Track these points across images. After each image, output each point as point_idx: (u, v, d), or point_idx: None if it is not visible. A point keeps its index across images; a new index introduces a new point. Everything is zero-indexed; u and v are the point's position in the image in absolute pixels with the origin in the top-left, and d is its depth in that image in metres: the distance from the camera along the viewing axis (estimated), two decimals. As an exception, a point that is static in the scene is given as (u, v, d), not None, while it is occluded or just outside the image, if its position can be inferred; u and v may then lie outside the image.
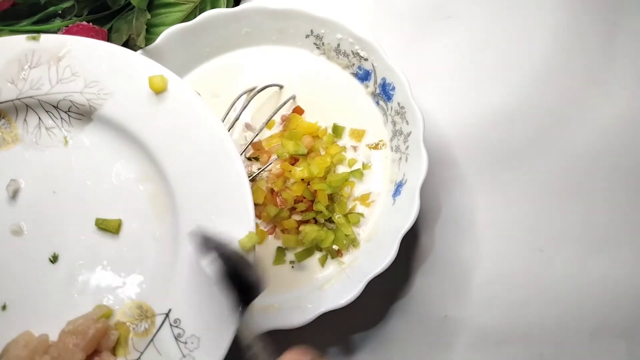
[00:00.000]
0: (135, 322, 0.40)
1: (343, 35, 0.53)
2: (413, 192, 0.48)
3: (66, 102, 0.43)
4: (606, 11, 0.61)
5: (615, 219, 0.56)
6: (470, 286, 0.55)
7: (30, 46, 0.43)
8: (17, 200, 0.42)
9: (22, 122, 0.43)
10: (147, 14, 0.56)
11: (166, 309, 0.39)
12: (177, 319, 0.39)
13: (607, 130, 0.58)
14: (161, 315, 0.39)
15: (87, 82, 0.42)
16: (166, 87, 0.42)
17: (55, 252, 0.41)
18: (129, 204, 0.42)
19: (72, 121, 0.43)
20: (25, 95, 0.42)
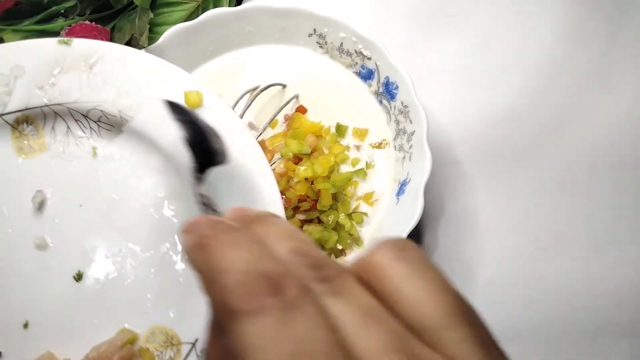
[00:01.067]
0: (160, 350, 0.38)
1: (346, 34, 0.53)
2: (417, 191, 0.47)
3: (96, 111, 0.41)
4: (610, 9, 0.61)
5: (619, 218, 0.56)
6: (473, 285, 0.55)
7: (61, 50, 0.40)
8: (42, 212, 0.41)
9: (50, 129, 0.41)
10: (150, 13, 0.56)
11: (193, 338, 0.38)
12: (204, 350, 0.37)
13: (611, 129, 0.58)
14: (187, 344, 0.38)
15: (119, 91, 0.40)
16: (202, 102, 0.40)
17: (80, 270, 0.40)
18: (156, 225, 0.40)
19: (102, 132, 0.42)
20: (55, 102, 0.40)
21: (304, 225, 0.52)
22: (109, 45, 0.41)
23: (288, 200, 0.51)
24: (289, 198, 0.51)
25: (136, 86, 0.40)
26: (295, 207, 0.52)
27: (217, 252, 0.21)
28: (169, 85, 0.40)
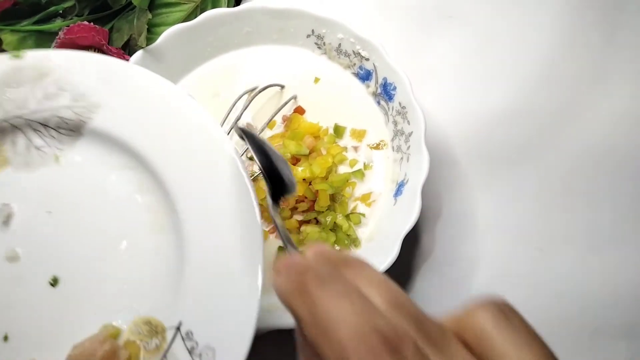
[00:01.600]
0: (146, 340, 0.38)
1: (344, 35, 0.53)
2: (414, 192, 0.48)
3: (54, 118, 0.41)
4: (609, 9, 0.61)
5: (617, 219, 0.56)
6: (471, 286, 0.55)
7: (13, 64, 0.41)
8: (10, 225, 0.41)
9: (10, 144, 0.42)
10: (148, 14, 0.56)
11: (177, 322, 0.38)
12: (189, 332, 0.37)
13: (610, 130, 0.58)
14: (172, 329, 0.38)
15: (74, 95, 0.41)
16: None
17: (55, 275, 0.40)
18: (128, 218, 0.41)
19: (62, 138, 0.42)
20: (12, 115, 0.41)
21: (301, 226, 0.52)
22: (61, 52, 0.42)
23: (286, 201, 0.51)
24: (287, 199, 0.51)
25: (91, 88, 0.41)
26: (293, 208, 0.52)
27: (322, 301, 0.21)
28: (123, 81, 0.41)
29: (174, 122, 0.41)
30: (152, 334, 0.38)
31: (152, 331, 0.39)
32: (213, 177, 0.40)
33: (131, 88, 0.41)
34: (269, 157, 0.37)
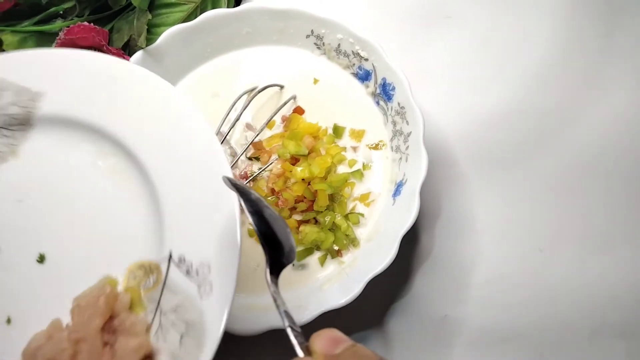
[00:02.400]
0: (143, 280, 0.39)
1: (343, 36, 0.53)
2: (413, 192, 0.48)
3: (2, 117, 0.43)
4: (606, 11, 0.61)
5: (615, 219, 0.56)
6: (470, 286, 0.55)
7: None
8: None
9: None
10: (148, 14, 0.56)
11: (167, 253, 0.39)
12: (180, 257, 0.38)
13: (607, 130, 0.58)
14: (164, 262, 0.39)
15: (16, 91, 0.43)
16: None
17: (40, 252, 0.41)
18: (95, 184, 0.43)
19: (14, 134, 0.44)
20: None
21: (300, 226, 0.52)
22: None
23: (285, 200, 0.52)
24: (286, 198, 0.51)
25: (31, 80, 0.43)
26: (292, 208, 0.52)
27: None
28: (59, 66, 0.43)
29: (117, 88, 0.42)
30: (147, 273, 0.40)
31: (146, 272, 0.40)
32: (165, 121, 0.41)
33: (67, 70, 0.43)
34: (265, 220, 0.34)
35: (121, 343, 0.36)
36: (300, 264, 0.52)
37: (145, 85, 0.42)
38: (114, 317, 0.37)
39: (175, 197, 0.40)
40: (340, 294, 0.47)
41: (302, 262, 0.52)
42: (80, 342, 0.36)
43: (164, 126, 0.42)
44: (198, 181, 0.40)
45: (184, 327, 0.37)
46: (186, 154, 0.41)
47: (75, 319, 0.37)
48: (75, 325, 0.37)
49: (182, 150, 0.41)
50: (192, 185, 0.40)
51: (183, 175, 0.40)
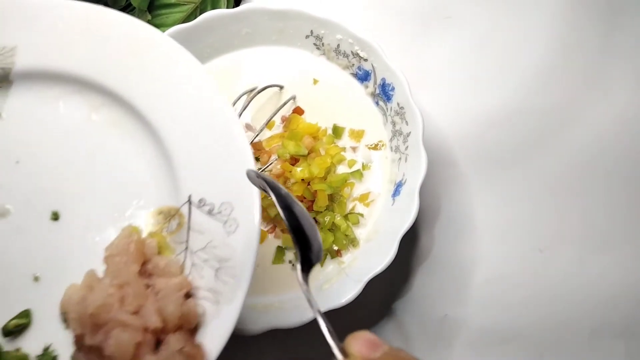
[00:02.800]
0: (165, 226, 0.39)
1: (343, 36, 0.53)
2: (412, 192, 0.48)
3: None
4: (605, 11, 0.61)
5: (615, 219, 0.56)
6: (469, 286, 0.55)
7: None
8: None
9: None
10: (148, 15, 0.56)
11: (185, 197, 0.39)
12: (201, 199, 0.38)
13: (606, 130, 0.58)
14: (185, 205, 0.39)
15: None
16: None
17: (54, 210, 0.40)
18: (94, 138, 0.41)
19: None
20: None
21: (300, 226, 0.52)
22: None
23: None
24: (286, 199, 0.51)
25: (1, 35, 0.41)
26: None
27: None
28: (29, 14, 0.41)
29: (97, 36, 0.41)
30: (168, 218, 0.39)
31: (166, 217, 0.40)
32: (157, 66, 0.40)
33: (37, 18, 0.41)
34: (296, 217, 0.33)
35: (161, 283, 0.36)
36: (299, 264, 0.52)
37: (129, 32, 0.41)
38: (147, 262, 0.37)
39: (183, 144, 0.39)
40: (339, 294, 0.47)
41: (301, 262, 0.52)
42: (124, 286, 0.35)
43: (156, 72, 0.40)
44: (204, 125, 0.39)
45: (217, 262, 0.37)
46: (186, 99, 0.40)
47: (111, 267, 0.36)
48: (113, 272, 0.36)
49: (181, 95, 0.40)
50: (199, 130, 0.39)
51: (187, 120, 0.39)
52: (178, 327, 0.35)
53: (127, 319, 0.34)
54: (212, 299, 0.36)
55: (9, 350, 0.37)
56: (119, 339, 0.33)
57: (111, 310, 0.34)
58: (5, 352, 0.37)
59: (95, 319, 0.34)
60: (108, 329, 0.33)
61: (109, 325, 0.34)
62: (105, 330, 0.33)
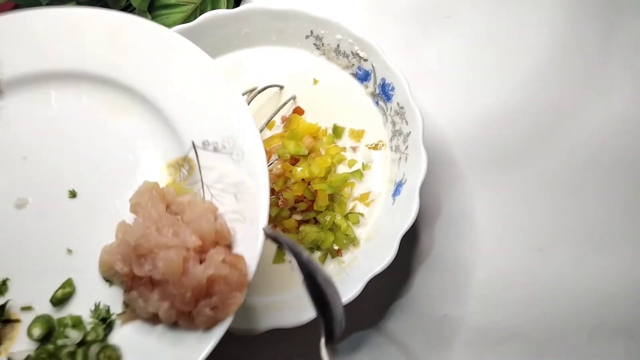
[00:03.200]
0: (177, 175, 0.42)
1: (343, 36, 0.53)
2: (413, 192, 0.48)
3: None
4: (604, 11, 0.61)
5: (614, 218, 0.56)
6: (469, 285, 0.55)
7: None
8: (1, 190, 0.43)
9: None
10: (148, 15, 0.56)
11: (189, 144, 0.42)
12: (204, 142, 0.41)
13: (605, 130, 0.58)
14: (191, 151, 0.42)
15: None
16: None
17: (69, 189, 0.42)
18: (90, 117, 0.44)
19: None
20: None
21: (300, 226, 0.52)
22: None
23: (285, 200, 0.52)
24: (286, 198, 0.52)
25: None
26: (292, 208, 0.52)
27: None
28: (11, 29, 0.44)
29: (76, 29, 0.44)
30: (178, 168, 0.42)
31: (176, 167, 0.42)
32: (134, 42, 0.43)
33: (19, 34, 0.44)
34: (318, 284, 0.32)
35: (190, 214, 0.38)
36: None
37: (99, 20, 0.44)
38: (170, 205, 0.39)
39: (173, 99, 0.42)
40: (340, 293, 0.47)
41: (302, 262, 0.52)
42: (158, 220, 0.37)
43: (132, 47, 0.43)
44: (187, 77, 0.42)
45: (234, 188, 0.40)
46: (163, 58, 0.43)
47: (141, 212, 0.38)
48: (144, 215, 0.38)
49: (158, 56, 0.43)
50: (184, 83, 0.42)
51: (171, 77, 0.42)
52: (215, 243, 0.37)
53: (169, 240, 0.36)
54: (239, 218, 0.39)
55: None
56: (167, 257, 0.35)
57: (151, 238, 0.36)
58: (59, 318, 0.39)
59: (139, 250, 0.36)
60: (153, 256, 0.35)
61: (153, 252, 0.36)
62: (151, 257, 0.36)
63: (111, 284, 0.40)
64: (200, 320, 0.36)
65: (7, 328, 0.39)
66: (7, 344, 0.38)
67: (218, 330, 0.36)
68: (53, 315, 0.39)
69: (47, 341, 0.38)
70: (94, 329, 0.38)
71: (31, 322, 0.38)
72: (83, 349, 0.38)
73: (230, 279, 0.36)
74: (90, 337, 0.38)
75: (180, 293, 0.35)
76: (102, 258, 0.39)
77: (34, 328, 0.38)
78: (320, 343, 0.32)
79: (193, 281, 0.35)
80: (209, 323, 0.36)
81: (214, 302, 0.36)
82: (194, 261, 0.36)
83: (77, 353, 0.37)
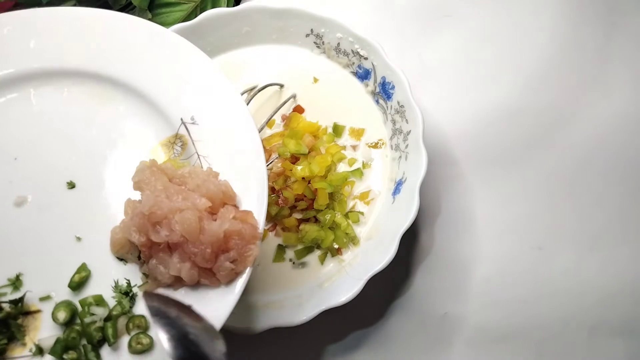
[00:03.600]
0: (170, 152, 0.43)
1: (343, 35, 0.53)
2: (413, 191, 0.48)
3: None
4: (605, 10, 0.61)
5: (614, 217, 0.56)
6: (469, 284, 0.55)
7: None
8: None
9: None
10: (148, 14, 0.56)
11: (178, 122, 0.43)
12: (192, 117, 0.43)
13: (605, 129, 0.58)
14: (181, 128, 0.43)
15: None
16: None
17: (68, 181, 0.43)
18: (75, 110, 0.45)
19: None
20: None
21: (300, 224, 0.52)
22: None
23: (285, 199, 0.52)
24: (286, 197, 0.52)
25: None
26: (292, 207, 0.52)
27: None
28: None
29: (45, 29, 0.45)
30: (170, 146, 0.44)
31: (168, 146, 0.44)
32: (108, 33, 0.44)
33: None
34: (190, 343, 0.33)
35: (193, 181, 0.39)
36: (300, 262, 0.52)
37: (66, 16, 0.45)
38: (171, 179, 0.40)
39: (155, 82, 0.43)
40: (340, 292, 0.48)
41: (302, 261, 0.52)
42: (164, 190, 0.38)
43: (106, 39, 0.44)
44: (163, 58, 0.44)
45: (227, 151, 0.42)
46: (137, 44, 0.44)
47: (146, 187, 0.39)
48: (150, 189, 0.39)
49: (132, 42, 0.44)
50: (162, 64, 0.44)
51: (149, 62, 0.44)
52: (223, 204, 0.39)
53: (181, 204, 0.37)
54: (239, 177, 0.41)
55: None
56: (183, 218, 0.36)
57: (163, 205, 0.37)
58: (81, 299, 0.40)
59: (153, 218, 0.37)
60: (168, 221, 0.37)
61: (167, 217, 0.37)
62: (166, 223, 0.37)
63: (125, 262, 0.41)
64: (221, 275, 0.37)
65: (29, 319, 0.40)
66: (32, 334, 0.39)
67: (239, 282, 0.38)
68: (73, 300, 0.40)
69: (73, 323, 0.39)
70: (119, 302, 0.39)
71: (53, 308, 0.39)
72: (112, 322, 0.39)
73: (244, 232, 0.38)
74: (116, 312, 0.39)
75: (200, 250, 0.37)
76: (113, 238, 0.40)
77: (58, 312, 0.39)
78: None
79: (211, 237, 0.37)
80: (230, 277, 0.38)
81: (232, 255, 0.37)
82: (208, 219, 0.38)
83: (107, 327, 0.38)
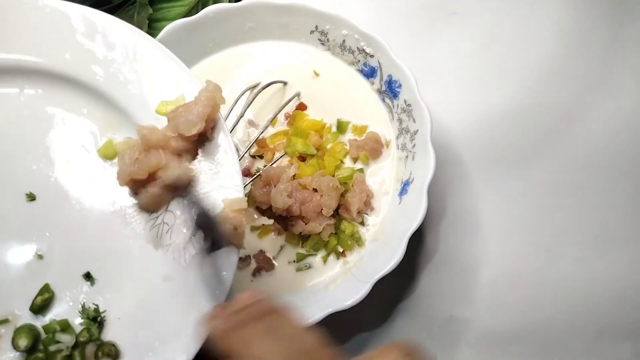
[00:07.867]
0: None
1: (348, 32, 0.52)
2: (420, 191, 0.47)
3: None
4: (612, 11, 0.61)
5: (622, 219, 0.56)
6: (476, 286, 0.54)
7: None
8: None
9: None
10: (149, 9, 0.55)
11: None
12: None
13: (613, 129, 0.58)
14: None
15: None
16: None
17: (27, 192, 0.41)
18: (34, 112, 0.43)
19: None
20: None
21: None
22: None
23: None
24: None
25: None
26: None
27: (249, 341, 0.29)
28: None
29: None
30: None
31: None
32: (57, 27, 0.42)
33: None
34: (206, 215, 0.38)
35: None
36: (304, 264, 0.51)
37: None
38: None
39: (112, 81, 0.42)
40: (346, 294, 0.47)
41: (306, 262, 0.51)
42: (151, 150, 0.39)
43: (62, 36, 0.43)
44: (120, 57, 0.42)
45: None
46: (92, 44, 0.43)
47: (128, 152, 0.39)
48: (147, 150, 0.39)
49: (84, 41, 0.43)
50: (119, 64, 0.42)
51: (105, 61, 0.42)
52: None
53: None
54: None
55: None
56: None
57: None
58: (45, 325, 0.38)
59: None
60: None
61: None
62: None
63: (136, 194, 0.40)
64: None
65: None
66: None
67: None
68: (35, 324, 0.38)
69: (35, 350, 0.37)
70: (87, 328, 0.38)
71: (13, 333, 0.37)
72: (79, 351, 0.37)
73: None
74: (83, 338, 0.37)
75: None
76: (121, 169, 0.38)
77: (19, 339, 0.37)
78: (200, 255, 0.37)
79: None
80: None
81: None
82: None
83: (74, 356, 0.37)
